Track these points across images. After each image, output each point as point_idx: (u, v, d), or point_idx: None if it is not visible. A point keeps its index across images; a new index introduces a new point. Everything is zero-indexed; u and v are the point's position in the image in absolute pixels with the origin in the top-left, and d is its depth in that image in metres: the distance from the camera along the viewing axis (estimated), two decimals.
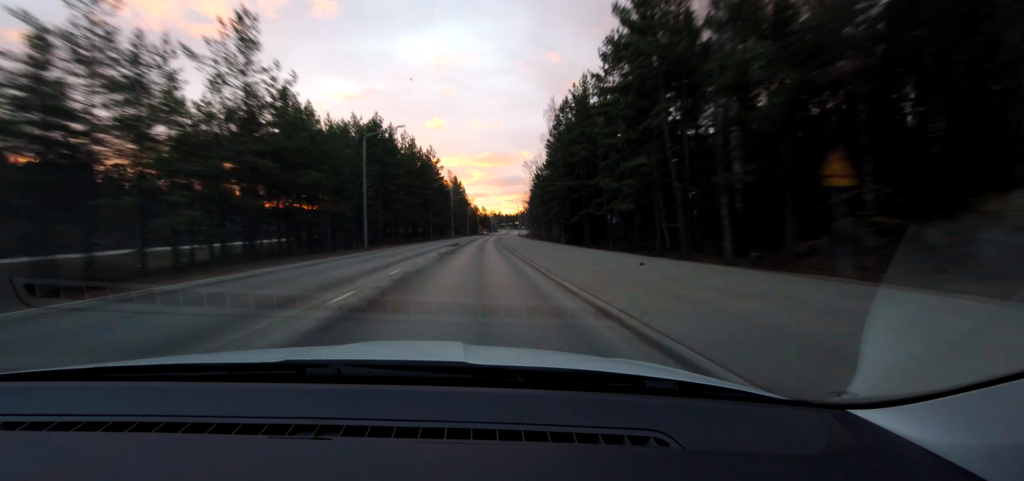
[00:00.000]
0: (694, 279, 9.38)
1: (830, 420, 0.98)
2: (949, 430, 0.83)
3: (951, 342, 3.45)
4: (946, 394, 0.87)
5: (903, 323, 3.57)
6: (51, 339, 5.20)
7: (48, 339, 5.21)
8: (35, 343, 5.08)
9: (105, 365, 1.26)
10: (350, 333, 5.04)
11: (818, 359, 3.81)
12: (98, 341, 5.06)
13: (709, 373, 3.35)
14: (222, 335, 4.92)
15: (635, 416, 1.00)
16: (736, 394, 1.14)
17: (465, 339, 3.08)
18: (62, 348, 4.76)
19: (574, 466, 0.82)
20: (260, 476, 0.76)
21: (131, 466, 0.80)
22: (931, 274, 7.18)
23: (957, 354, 3.00)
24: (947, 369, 2.13)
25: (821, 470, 0.81)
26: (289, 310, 6.36)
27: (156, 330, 5.46)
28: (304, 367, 1.21)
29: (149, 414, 0.96)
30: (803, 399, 1.10)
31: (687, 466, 0.83)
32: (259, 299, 7.46)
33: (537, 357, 1.57)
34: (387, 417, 0.95)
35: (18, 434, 0.91)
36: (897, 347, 2.28)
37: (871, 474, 0.81)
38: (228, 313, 6.55)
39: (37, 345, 5.00)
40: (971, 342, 3.55)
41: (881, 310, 3.70)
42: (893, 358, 2.04)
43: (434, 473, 0.78)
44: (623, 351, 4.27)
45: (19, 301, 6.79)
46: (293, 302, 7.00)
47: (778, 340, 4.42)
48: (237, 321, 5.69)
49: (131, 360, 1.42)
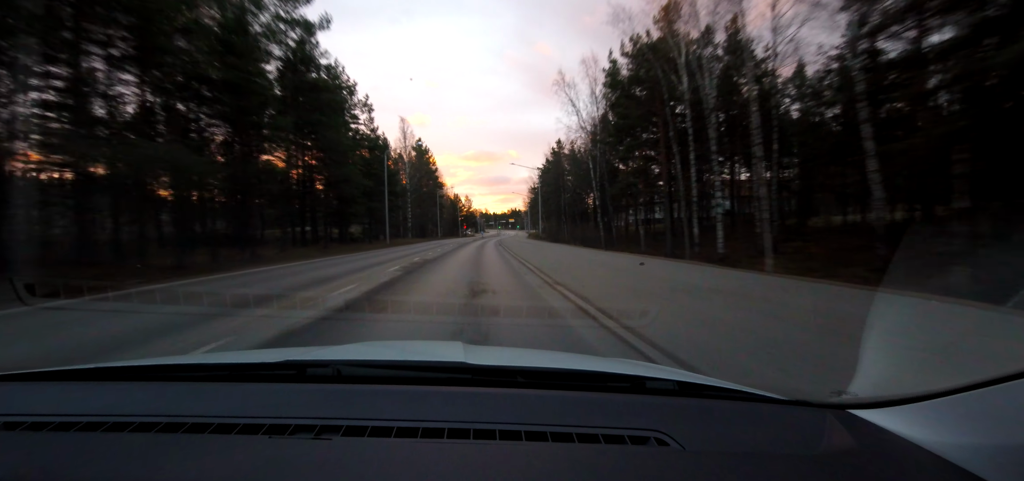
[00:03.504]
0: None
1: (830, 420, 0.98)
2: (949, 430, 0.83)
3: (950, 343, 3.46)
4: (946, 394, 0.87)
5: (903, 325, 3.58)
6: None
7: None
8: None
9: (105, 365, 1.25)
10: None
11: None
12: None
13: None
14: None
15: (635, 416, 1.00)
16: (736, 394, 1.14)
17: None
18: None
19: (574, 466, 0.82)
20: (260, 476, 0.76)
21: (131, 466, 0.80)
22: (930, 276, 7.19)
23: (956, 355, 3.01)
24: (946, 369, 2.13)
25: (821, 470, 0.81)
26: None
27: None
28: (304, 367, 1.21)
29: (149, 414, 0.96)
30: (803, 399, 1.11)
31: (687, 466, 0.83)
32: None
33: (537, 357, 1.57)
34: (387, 417, 0.95)
35: (18, 434, 0.91)
36: (897, 348, 2.28)
37: (871, 474, 0.81)
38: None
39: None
40: (969, 344, 3.56)
41: (881, 312, 3.70)
42: (893, 358, 2.04)
43: (434, 473, 0.78)
44: None
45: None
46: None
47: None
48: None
49: (131, 360, 1.42)
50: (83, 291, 7.40)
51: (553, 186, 50.58)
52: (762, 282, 9.91)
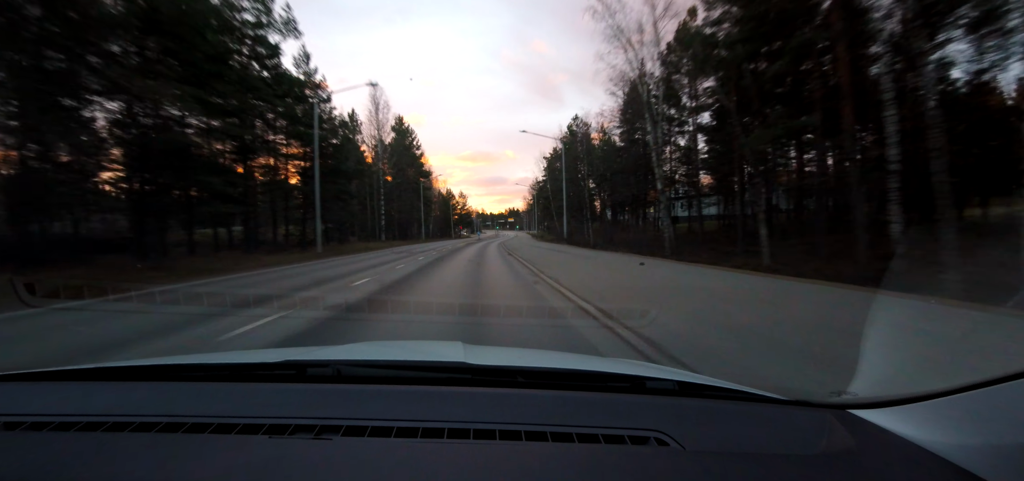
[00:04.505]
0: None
1: (830, 420, 0.98)
2: (949, 430, 0.83)
3: (949, 344, 3.46)
4: (946, 394, 0.87)
5: (902, 325, 3.58)
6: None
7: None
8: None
9: (105, 365, 1.25)
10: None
11: None
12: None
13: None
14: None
15: (635, 416, 1.00)
16: (736, 394, 1.14)
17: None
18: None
19: (574, 466, 0.82)
20: (260, 476, 0.76)
21: (131, 466, 0.80)
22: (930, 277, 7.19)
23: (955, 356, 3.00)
24: (946, 370, 2.13)
25: (821, 470, 0.81)
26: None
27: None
28: (304, 367, 1.21)
29: (149, 414, 0.96)
30: (803, 399, 1.11)
31: (687, 466, 0.83)
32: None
33: (537, 357, 1.57)
34: (387, 417, 0.95)
35: (18, 434, 0.91)
36: (897, 348, 2.28)
37: (871, 474, 0.81)
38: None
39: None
40: (968, 345, 3.56)
41: (880, 312, 3.70)
42: (893, 358, 2.04)
43: (434, 473, 0.78)
44: None
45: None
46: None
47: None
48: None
49: (131, 360, 1.42)
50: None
51: (570, 174, 39.22)
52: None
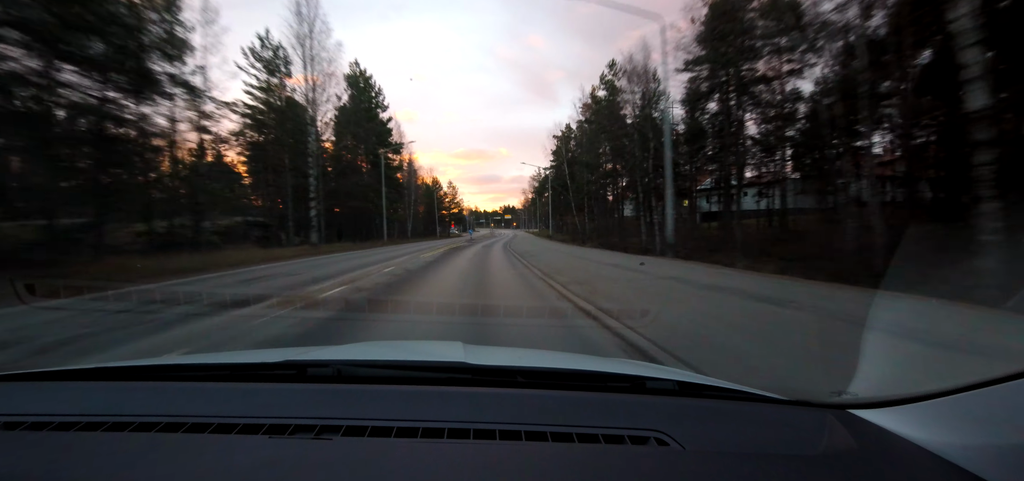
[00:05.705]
0: None
1: (830, 420, 0.98)
2: (949, 430, 0.83)
3: (949, 345, 3.46)
4: (946, 394, 0.87)
5: (902, 325, 3.58)
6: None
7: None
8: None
9: (105, 365, 1.25)
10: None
11: None
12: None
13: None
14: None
15: (635, 416, 1.00)
16: (736, 394, 1.14)
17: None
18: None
19: (574, 466, 0.82)
20: (260, 476, 0.76)
21: (131, 466, 0.80)
22: (930, 278, 7.18)
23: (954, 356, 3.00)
24: (946, 370, 2.13)
25: (821, 470, 0.81)
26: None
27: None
28: (304, 367, 1.21)
29: (149, 414, 0.96)
30: (803, 399, 1.11)
31: (687, 466, 0.83)
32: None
33: (537, 357, 1.56)
34: (387, 417, 0.95)
35: (18, 434, 0.91)
36: (896, 348, 2.28)
37: (871, 474, 0.81)
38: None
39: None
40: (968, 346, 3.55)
41: (880, 312, 3.70)
42: (893, 358, 2.04)
43: (434, 473, 0.78)
44: None
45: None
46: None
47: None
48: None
49: (131, 360, 1.42)
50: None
51: (587, 158, 33.27)
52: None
